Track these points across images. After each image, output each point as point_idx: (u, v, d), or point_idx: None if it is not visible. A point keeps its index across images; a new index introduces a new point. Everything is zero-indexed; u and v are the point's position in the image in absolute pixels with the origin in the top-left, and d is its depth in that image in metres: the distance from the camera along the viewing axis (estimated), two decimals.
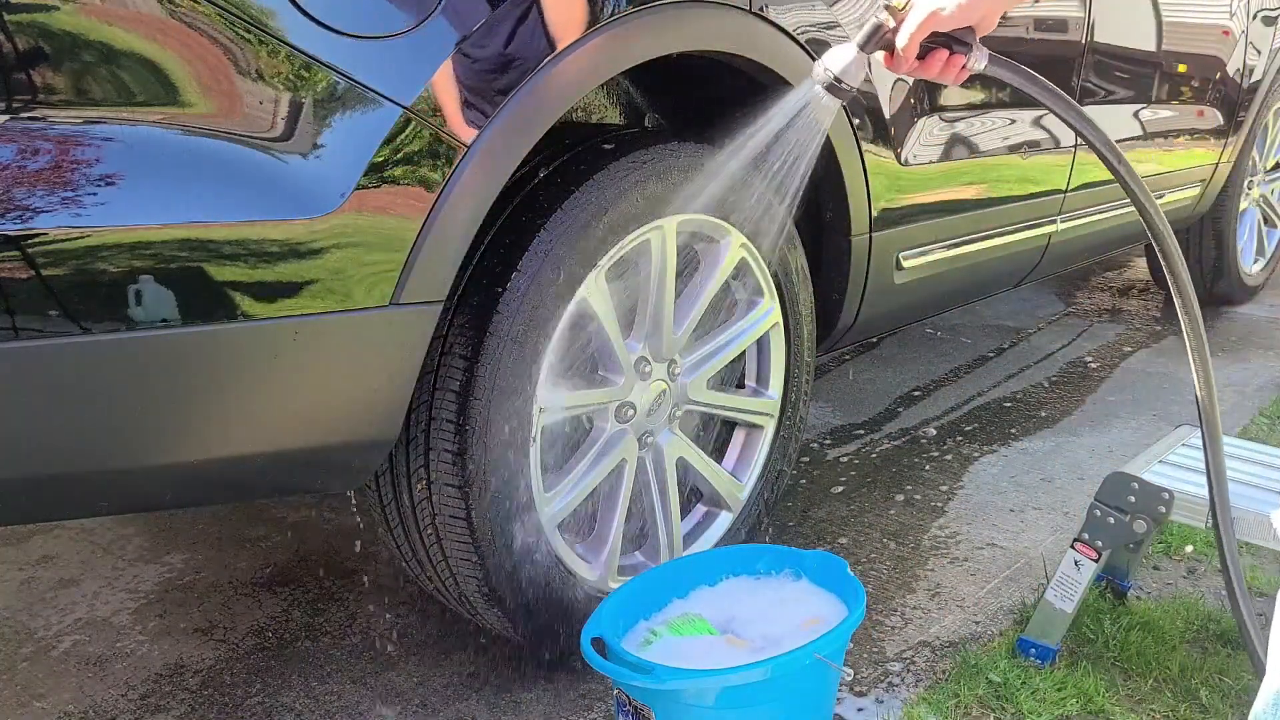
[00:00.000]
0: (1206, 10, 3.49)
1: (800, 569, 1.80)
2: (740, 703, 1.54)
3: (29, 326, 1.20)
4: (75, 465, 1.30)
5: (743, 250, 1.97)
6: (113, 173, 1.22)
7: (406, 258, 1.43)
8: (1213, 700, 1.82)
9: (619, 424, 1.86)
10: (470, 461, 1.61)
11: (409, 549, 1.76)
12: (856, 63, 1.42)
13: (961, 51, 1.43)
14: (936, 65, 1.43)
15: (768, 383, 2.12)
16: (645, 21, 1.69)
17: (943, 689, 1.85)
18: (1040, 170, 2.80)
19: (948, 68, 1.44)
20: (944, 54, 1.43)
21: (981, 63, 1.45)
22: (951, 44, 1.42)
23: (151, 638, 2.02)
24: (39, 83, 1.19)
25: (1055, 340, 3.88)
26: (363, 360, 1.45)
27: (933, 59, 1.43)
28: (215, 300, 1.30)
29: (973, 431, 3.03)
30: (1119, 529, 1.88)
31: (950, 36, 1.42)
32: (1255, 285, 4.38)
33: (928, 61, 1.43)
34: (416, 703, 1.85)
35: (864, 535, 2.42)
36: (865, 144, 2.16)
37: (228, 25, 1.28)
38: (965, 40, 1.42)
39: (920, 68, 1.44)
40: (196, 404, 1.34)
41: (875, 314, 2.42)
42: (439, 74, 1.43)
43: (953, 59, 1.43)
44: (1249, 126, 3.88)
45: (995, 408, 3.22)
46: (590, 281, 1.72)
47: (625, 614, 1.70)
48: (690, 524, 2.09)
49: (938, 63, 1.43)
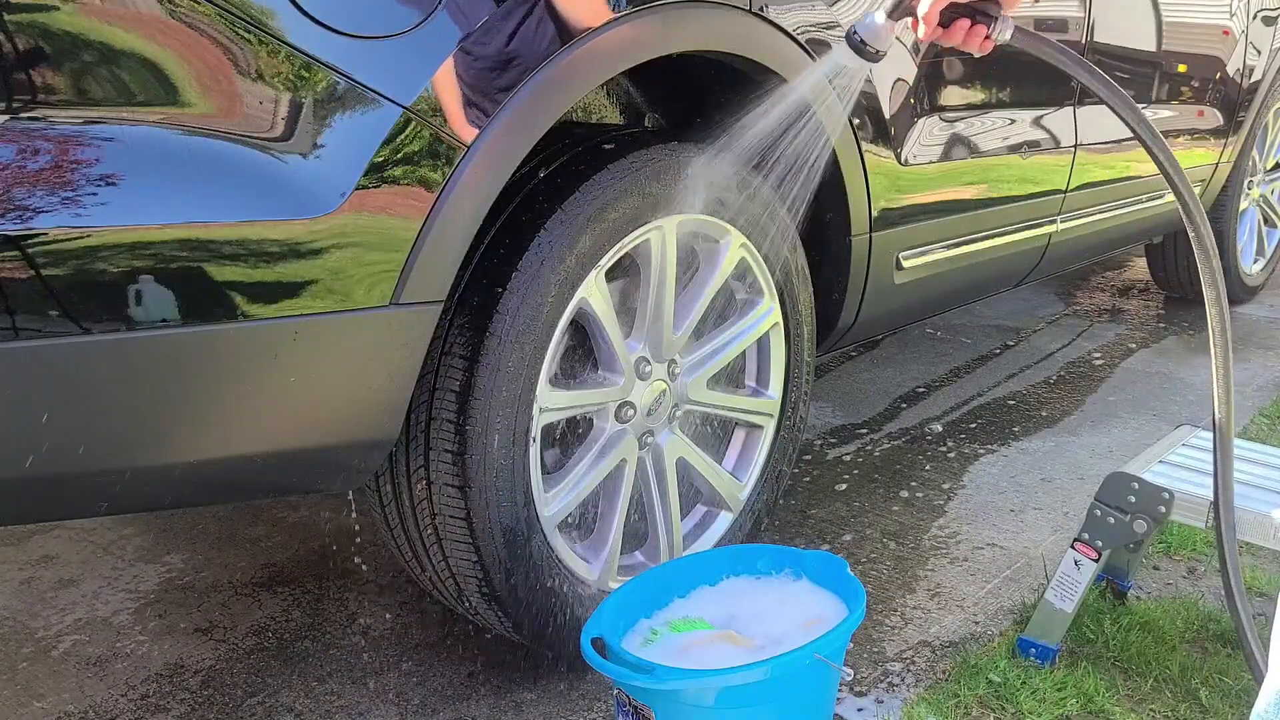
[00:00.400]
0: (1206, 10, 3.49)
1: (800, 569, 1.80)
2: (740, 703, 1.54)
3: (29, 326, 1.20)
4: (75, 465, 1.30)
5: (743, 250, 1.97)
6: (113, 173, 1.22)
7: (406, 258, 1.43)
8: (1213, 700, 1.82)
9: (619, 424, 1.86)
10: (470, 461, 1.61)
11: (409, 549, 1.76)
12: (885, 29, 1.49)
13: (985, 22, 1.48)
14: (959, 33, 1.49)
15: (768, 383, 2.12)
16: (645, 21, 1.69)
17: (943, 689, 1.85)
18: (1040, 170, 2.80)
19: (971, 36, 1.49)
20: (966, 23, 1.48)
21: (1007, 34, 1.49)
22: (974, 14, 1.47)
23: (151, 638, 2.02)
24: (39, 83, 1.19)
25: (1055, 340, 3.88)
26: (363, 360, 1.45)
27: (955, 28, 1.48)
28: (215, 300, 1.30)
29: (973, 431, 3.03)
30: (1119, 529, 1.88)
31: (973, 7, 1.47)
32: (1255, 285, 4.38)
33: (951, 30, 1.49)
34: (416, 703, 1.85)
35: (864, 535, 2.42)
36: (865, 144, 2.16)
37: (228, 25, 1.28)
38: (989, 12, 1.47)
39: (944, 35, 1.49)
40: (196, 404, 1.34)
41: (875, 314, 2.42)
42: (439, 74, 1.43)
43: (975, 28, 1.48)
44: (1249, 126, 3.88)
45: (995, 407, 3.22)
46: (590, 282, 1.72)
47: (625, 614, 1.69)
48: (690, 524, 2.09)
49: (960, 31, 1.48)
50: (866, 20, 1.49)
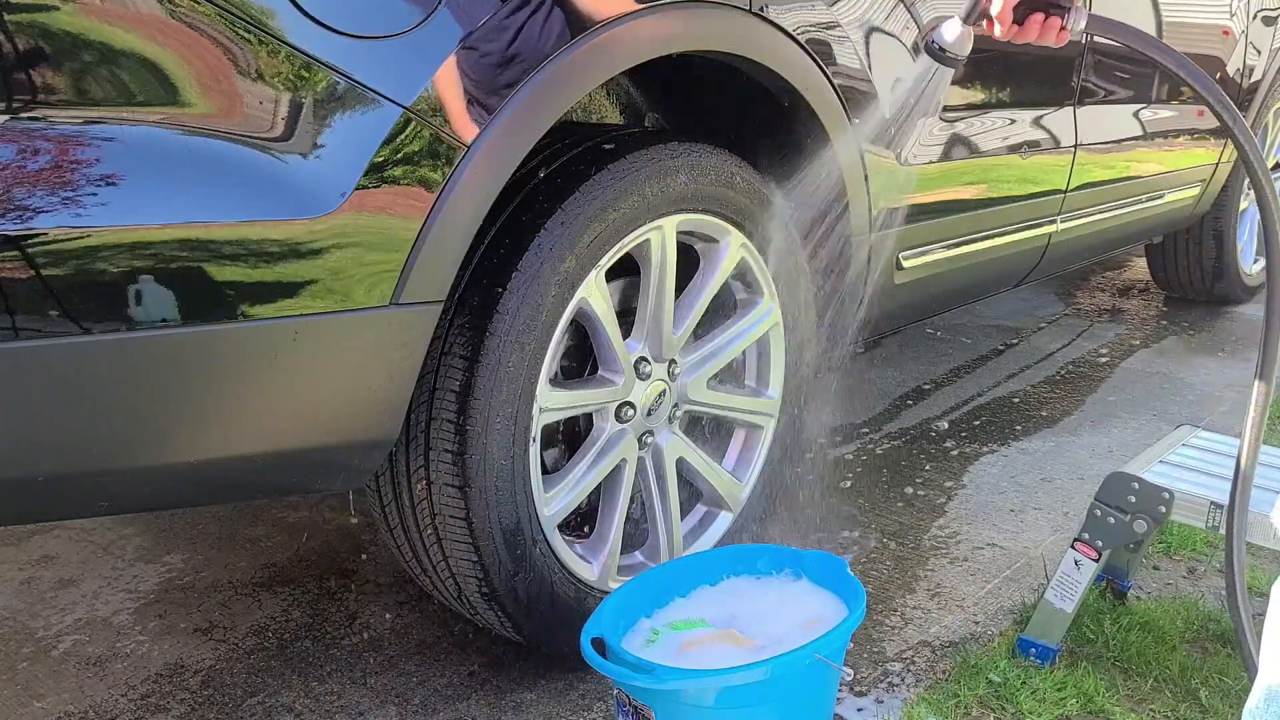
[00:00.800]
0: (1206, 10, 3.49)
1: (800, 569, 1.80)
2: (740, 703, 1.54)
3: (29, 326, 1.20)
4: (75, 465, 1.30)
5: (743, 250, 1.97)
6: (113, 173, 1.22)
7: (406, 258, 1.43)
8: (1213, 700, 1.82)
9: (619, 424, 1.86)
10: (470, 461, 1.61)
11: (409, 549, 1.76)
12: (964, 34, 1.49)
13: (1058, 14, 1.48)
14: (1034, 28, 1.49)
15: (768, 383, 2.12)
16: (645, 21, 1.69)
17: (943, 689, 1.85)
18: (1040, 170, 2.80)
19: (1046, 30, 1.49)
20: (1040, 17, 1.48)
21: (1081, 22, 1.50)
22: (1048, 7, 1.47)
23: (151, 638, 2.02)
24: (39, 83, 1.19)
25: (1055, 340, 3.88)
26: (363, 360, 1.45)
27: (1030, 23, 1.49)
28: (215, 300, 1.30)
29: (973, 431, 3.03)
30: (1119, 529, 1.88)
31: (1045, 1, 1.47)
32: (1255, 285, 4.37)
33: (1026, 26, 1.49)
34: (416, 703, 1.85)
35: (864, 535, 2.42)
36: (865, 144, 2.16)
37: (228, 25, 1.28)
38: (1061, 3, 1.47)
39: (1020, 33, 1.50)
40: (196, 404, 1.34)
41: (875, 314, 2.42)
42: (439, 74, 1.43)
43: (1049, 21, 1.48)
44: (1249, 126, 3.88)
45: (996, 407, 3.22)
46: (590, 281, 1.72)
47: (625, 614, 1.69)
48: (690, 524, 2.09)
49: (1035, 25, 1.49)
50: (944, 27, 1.49)
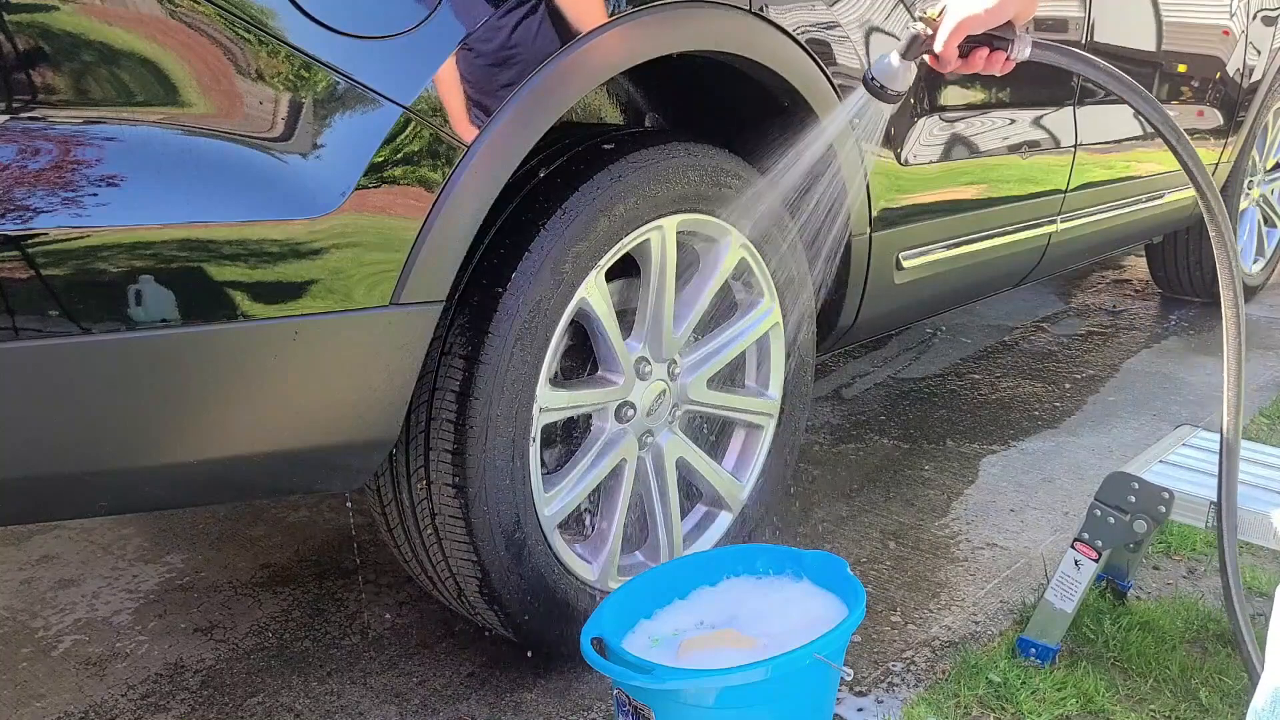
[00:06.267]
0: (1206, 10, 3.49)
1: (800, 569, 1.80)
2: (740, 703, 1.54)
3: (29, 326, 1.20)
4: (75, 465, 1.30)
5: (743, 250, 1.97)
6: (113, 173, 1.22)
7: (406, 258, 1.43)
8: (1213, 700, 1.82)
9: (619, 424, 1.86)
10: (470, 461, 1.61)
11: (409, 549, 1.76)
12: (903, 69, 1.48)
13: (1001, 47, 1.48)
14: (979, 61, 1.49)
15: (768, 383, 2.12)
16: (645, 21, 1.69)
17: (943, 689, 1.85)
18: (1040, 170, 2.80)
19: (990, 62, 1.49)
20: (984, 51, 1.48)
21: (1026, 51, 1.49)
22: (991, 40, 1.48)
23: (151, 638, 2.02)
24: (39, 83, 1.19)
25: (1055, 340, 3.88)
26: (363, 360, 1.45)
27: (975, 57, 1.49)
28: (215, 300, 1.30)
29: (973, 431, 3.03)
30: (1119, 529, 1.88)
31: (989, 34, 1.47)
32: (1255, 285, 4.38)
33: (970, 60, 1.49)
34: (416, 703, 1.85)
35: (864, 535, 2.42)
36: (865, 143, 2.16)
37: (228, 25, 1.28)
38: (1004, 35, 1.48)
39: (964, 66, 1.50)
40: (196, 404, 1.34)
41: (875, 314, 2.42)
42: (439, 74, 1.43)
43: (994, 55, 1.49)
44: (1249, 126, 3.88)
45: (995, 407, 3.22)
46: (590, 281, 1.72)
47: (625, 614, 1.69)
48: (690, 524, 2.09)
49: (979, 59, 1.49)
50: (881, 62, 1.48)
